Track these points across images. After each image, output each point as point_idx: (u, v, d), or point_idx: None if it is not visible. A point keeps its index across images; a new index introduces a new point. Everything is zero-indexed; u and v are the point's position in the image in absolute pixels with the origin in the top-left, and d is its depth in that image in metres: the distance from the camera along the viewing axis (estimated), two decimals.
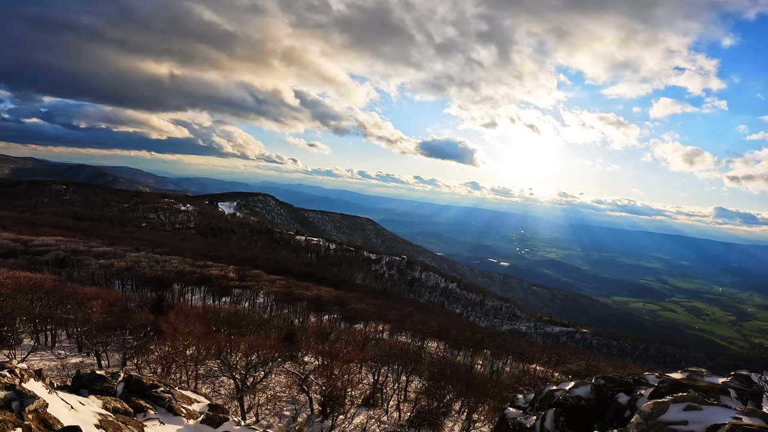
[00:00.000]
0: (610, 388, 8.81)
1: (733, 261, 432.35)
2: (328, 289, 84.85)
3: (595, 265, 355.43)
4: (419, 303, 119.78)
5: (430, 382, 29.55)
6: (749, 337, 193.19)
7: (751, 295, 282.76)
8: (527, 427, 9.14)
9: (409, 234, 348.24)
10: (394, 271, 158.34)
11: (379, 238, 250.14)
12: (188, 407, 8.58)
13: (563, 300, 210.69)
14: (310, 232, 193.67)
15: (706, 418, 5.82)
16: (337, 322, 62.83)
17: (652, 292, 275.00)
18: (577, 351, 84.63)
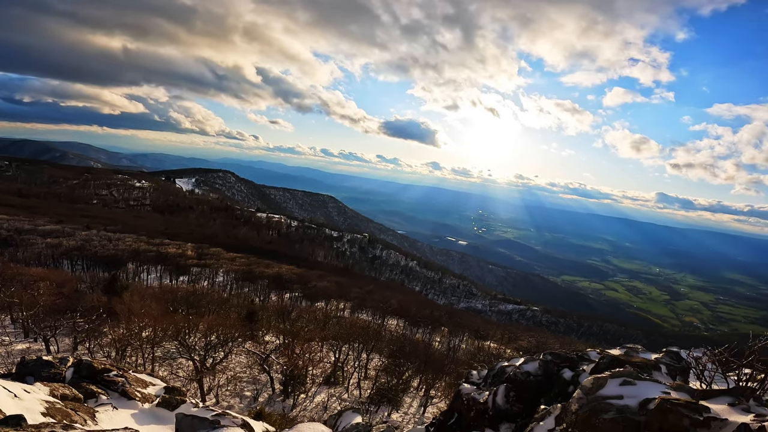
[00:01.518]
0: (556, 364, 9.29)
1: (671, 243, 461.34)
2: (290, 267, 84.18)
3: (548, 245, 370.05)
4: (380, 281, 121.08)
5: (390, 360, 30.24)
6: (681, 316, 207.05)
7: (685, 276, 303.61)
8: (480, 402, 9.38)
9: (371, 212, 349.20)
10: (356, 249, 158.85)
11: (341, 216, 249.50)
12: (143, 391, 8.37)
13: (517, 279, 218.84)
14: (272, 210, 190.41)
15: (639, 392, 6.15)
16: (299, 300, 62.69)
17: (598, 271, 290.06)
18: (528, 328, 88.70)
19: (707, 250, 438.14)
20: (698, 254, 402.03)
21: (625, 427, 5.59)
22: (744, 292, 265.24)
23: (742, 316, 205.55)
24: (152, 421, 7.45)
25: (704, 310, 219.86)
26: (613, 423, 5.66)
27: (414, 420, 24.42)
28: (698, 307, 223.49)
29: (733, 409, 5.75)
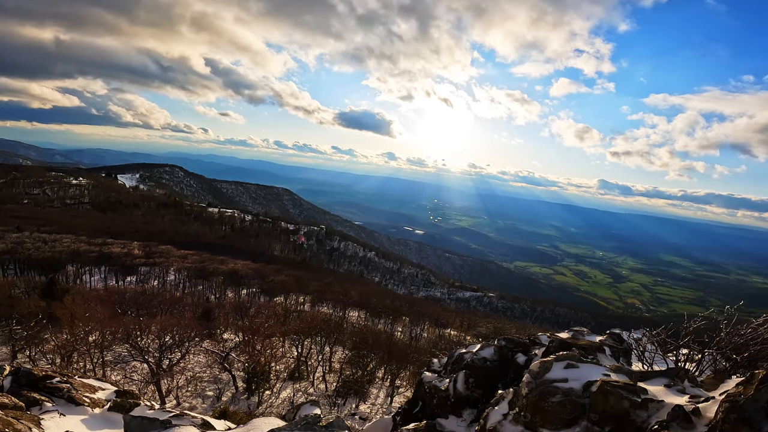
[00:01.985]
0: (510, 349, 9.50)
1: (612, 228, 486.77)
2: (246, 263, 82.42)
3: (500, 232, 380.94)
4: (339, 273, 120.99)
5: (353, 352, 30.56)
6: (623, 298, 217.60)
7: (625, 259, 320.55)
8: (442, 390, 9.49)
9: (327, 204, 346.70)
10: (313, 242, 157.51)
11: (297, 209, 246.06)
12: (92, 396, 8.11)
13: (473, 266, 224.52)
14: (224, 204, 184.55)
15: (582, 375, 6.28)
16: (257, 296, 61.69)
17: (547, 257, 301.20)
18: (486, 315, 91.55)
19: (645, 233, 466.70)
20: (637, 238, 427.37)
21: (572, 409, 5.72)
22: (680, 273, 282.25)
23: (679, 297, 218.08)
24: (104, 425, 7.25)
25: (644, 291, 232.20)
26: (561, 406, 5.78)
27: (382, 410, 24.88)
28: (639, 289, 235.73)
29: (669, 390, 6.03)
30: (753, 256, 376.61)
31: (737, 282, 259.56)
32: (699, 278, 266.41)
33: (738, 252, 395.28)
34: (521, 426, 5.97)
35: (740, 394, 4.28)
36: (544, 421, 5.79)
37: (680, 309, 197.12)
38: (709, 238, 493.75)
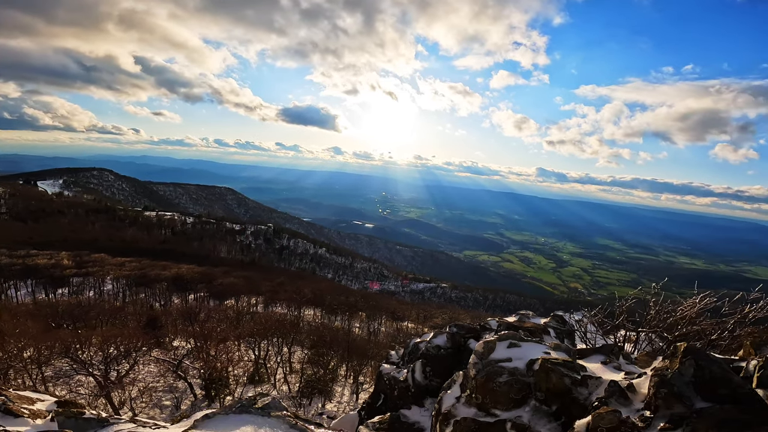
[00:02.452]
0: (462, 336, 9.53)
1: (551, 214, 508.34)
2: (190, 267, 79.06)
3: (448, 223, 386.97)
4: (291, 271, 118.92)
5: (313, 351, 30.26)
6: (567, 282, 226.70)
7: (565, 244, 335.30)
8: (401, 381, 9.49)
9: (274, 201, 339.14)
10: (261, 241, 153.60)
11: (242, 208, 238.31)
12: (31, 407, 7.82)
13: (424, 257, 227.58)
14: (162, 207, 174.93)
15: (525, 354, 6.41)
16: (205, 300, 59.60)
17: (494, 245, 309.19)
18: (441, 305, 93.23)
19: (581, 219, 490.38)
20: (574, 223, 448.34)
21: (519, 389, 5.79)
22: (615, 256, 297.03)
23: (616, 279, 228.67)
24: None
25: (585, 275, 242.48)
26: (508, 386, 5.84)
27: (349, 407, 24.88)
28: (579, 273, 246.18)
29: (606, 367, 6.18)
30: (678, 238, 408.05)
31: (666, 263, 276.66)
32: (632, 261, 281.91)
33: (664, 234, 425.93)
34: (474, 408, 6.02)
35: (667, 368, 4.40)
36: (495, 401, 5.85)
37: (618, 291, 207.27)
38: (638, 221, 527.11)
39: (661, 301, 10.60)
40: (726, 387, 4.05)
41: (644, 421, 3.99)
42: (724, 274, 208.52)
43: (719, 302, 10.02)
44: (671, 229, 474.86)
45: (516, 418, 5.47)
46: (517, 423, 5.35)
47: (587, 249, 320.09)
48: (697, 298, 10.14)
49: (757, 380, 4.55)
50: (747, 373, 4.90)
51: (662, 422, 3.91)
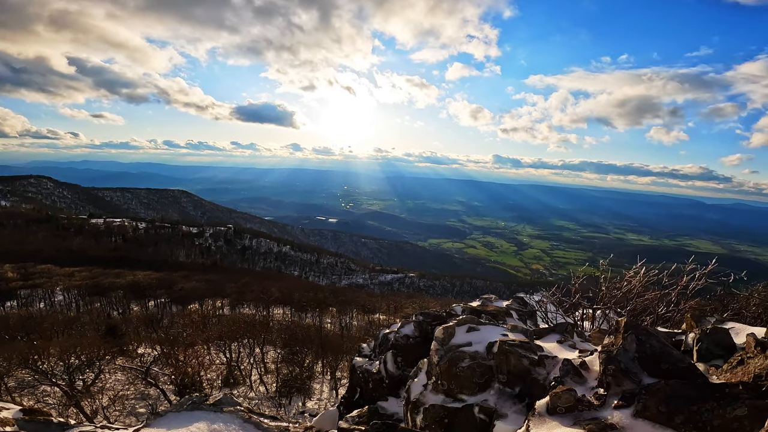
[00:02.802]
0: (428, 323, 9.45)
1: (509, 199, 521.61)
2: (147, 273, 76.25)
3: (411, 213, 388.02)
4: (255, 271, 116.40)
5: (286, 350, 30.00)
6: (528, 264, 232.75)
7: (524, 227, 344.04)
8: (374, 373, 9.42)
9: (232, 202, 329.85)
10: (222, 243, 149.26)
11: (198, 210, 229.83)
12: None
13: (389, 248, 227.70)
14: (110, 214, 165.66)
15: (484, 337, 6.42)
16: (167, 305, 57.88)
17: (457, 231, 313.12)
18: (410, 295, 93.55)
19: (536, 202, 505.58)
20: (530, 206, 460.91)
21: (482, 372, 5.82)
22: (570, 236, 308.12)
23: (573, 259, 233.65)
24: None
25: (545, 256, 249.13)
26: (471, 370, 5.86)
27: (329, 404, 24.82)
28: (540, 255, 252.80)
29: (561, 346, 6.29)
30: (624, 215, 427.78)
31: (617, 240, 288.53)
32: (586, 240, 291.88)
33: (612, 213, 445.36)
34: (442, 395, 6.01)
35: (612, 344, 4.46)
36: (460, 387, 5.85)
37: (575, 270, 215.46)
38: (588, 201, 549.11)
39: (609, 278, 11.23)
40: (667, 362, 4.15)
41: (599, 399, 4.09)
42: (669, 248, 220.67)
43: (661, 275, 10.77)
44: (618, 207, 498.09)
45: (482, 402, 5.50)
46: (484, 407, 5.39)
47: (545, 231, 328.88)
48: (640, 270, 10.84)
49: (696, 354, 4.74)
50: (687, 347, 5.09)
51: (615, 400, 3.99)
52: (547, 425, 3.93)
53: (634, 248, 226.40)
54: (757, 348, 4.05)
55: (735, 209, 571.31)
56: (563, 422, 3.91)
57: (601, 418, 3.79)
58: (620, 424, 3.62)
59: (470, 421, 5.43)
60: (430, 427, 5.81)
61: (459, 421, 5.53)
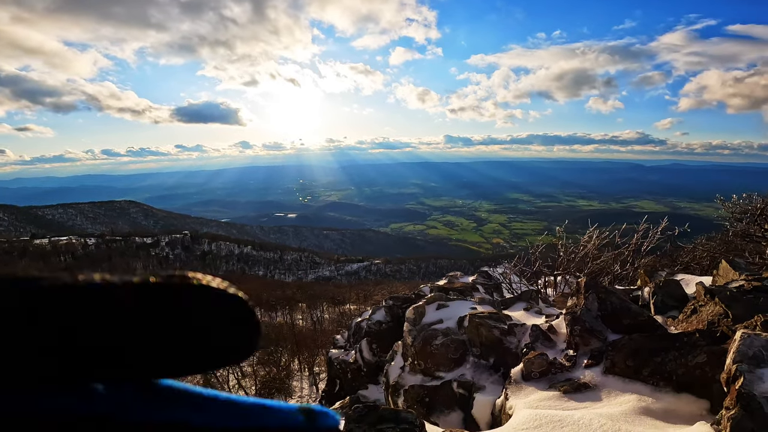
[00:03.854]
0: (398, 307, 9.46)
1: (463, 177, 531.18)
2: None
3: (370, 200, 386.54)
4: (218, 276, 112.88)
5: (260, 351, 29.68)
6: (489, 239, 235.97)
7: (481, 203, 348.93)
8: (351, 362, 9.41)
9: (185, 207, 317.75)
10: (180, 250, 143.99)
11: (150, 219, 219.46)
12: None
13: (352, 237, 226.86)
14: (54, 232, 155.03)
15: (454, 313, 6.52)
16: None
17: (417, 214, 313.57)
18: (378, 282, 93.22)
19: (489, 177, 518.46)
20: (484, 182, 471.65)
21: (456, 348, 5.89)
22: (525, 208, 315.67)
23: (531, 229, 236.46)
24: None
25: (503, 230, 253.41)
26: (445, 346, 5.94)
27: (311, 400, 24.82)
28: (499, 229, 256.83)
29: (528, 313, 6.51)
30: (573, 183, 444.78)
31: (568, 208, 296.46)
32: (540, 210, 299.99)
33: (562, 181, 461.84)
34: (420, 374, 6.07)
35: (576, 305, 4.66)
36: (436, 365, 5.92)
37: (534, 240, 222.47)
38: (538, 173, 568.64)
39: (566, 244, 11.72)
40: (628, 317, 4.37)
41: (569, 360, 4.27)
42: (617, 210, 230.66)
43: (612, 235, 11.36)
44: (566, 176, 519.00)
45: (460, 377, 5.60)
46: (462, 381, 5.49)
47: (501, 205, 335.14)
48: (594, 234, 11.41)
49: (653, 307, 5.01)
50: (643, 301, 5.40)
51: (585, 359, 4.17)
52: (524, 391, 4.07)
53: (585, 213, 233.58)
54: (706, 296, 4.35)
55: (672, 169, 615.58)
56: (539, 386, 4.05)
57: (574, 379, 3.96)
58: (592, 382, 3.80)
59: (450, 397, 5.52)
60: (412, 407, 5.83)
61: (439, 398, 5.61)
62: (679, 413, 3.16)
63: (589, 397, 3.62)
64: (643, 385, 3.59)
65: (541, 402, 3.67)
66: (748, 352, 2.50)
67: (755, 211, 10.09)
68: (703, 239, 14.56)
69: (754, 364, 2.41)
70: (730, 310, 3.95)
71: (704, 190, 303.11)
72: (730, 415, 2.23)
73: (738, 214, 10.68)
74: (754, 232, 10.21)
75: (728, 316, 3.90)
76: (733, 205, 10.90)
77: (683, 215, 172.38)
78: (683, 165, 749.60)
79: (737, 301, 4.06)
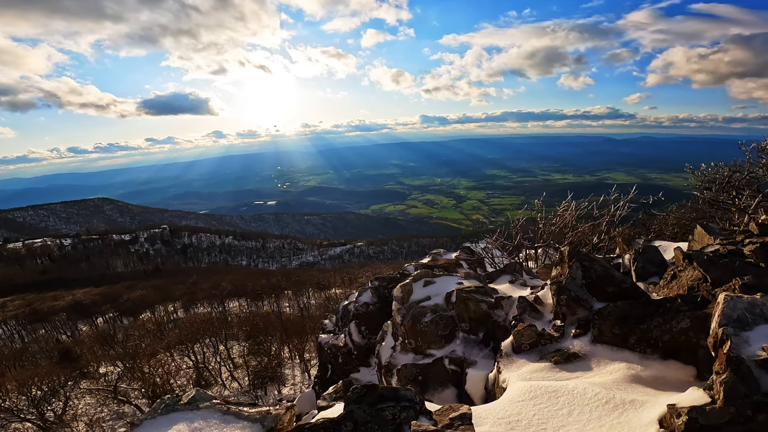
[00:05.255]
0: (384, 287, 9.47)
1: (441, 155, 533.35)
2: (86, 290, 71.31)
3: (349, 183, 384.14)
4: (201, 269, 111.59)
5: (250, 341, 29.54)
6: (469, 215, 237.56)
7: (459, 180, 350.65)
8: (341, 346, 9.41)
9: (162, 201, 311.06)
10: (160, 245, 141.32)
11: (126, 216, 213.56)
12: None
13: (334, 221, 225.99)
14: (27, 235, 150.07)
15: (441, 289, 6.56)
16: (117, 319, 54.81)
17: (397, 194, 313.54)
18: (362, 264, 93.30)
19: (467, 155, 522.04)
20: (462, 160, 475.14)
21: (445, 324, 5.92)
22: (503, 183, 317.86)
23: (509, 204, 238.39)
24: None
25: (482, 206, 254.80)
26: (434, 323, 5.96)
27: (304, 387, 24.96)
28: (478, 205, 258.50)
29: (513, 285, 6.63)
30: (548, 157, 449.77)
31: (544, 182, 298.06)
32: (517, 185, 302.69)
33: (537, 156, 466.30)
34: (411, 353, 6.09)
35: (560, 274, 4.80)
36: (427, 342, 5.94)
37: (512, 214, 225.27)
38: (514, 149, 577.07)
39: (545, 216, 11.99)
40: (611, 284, 4.47)
41: (558, 330, 4.35)
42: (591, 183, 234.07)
43: (590, 206, 11.69)
44: (541, 150, 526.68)
45: (451, 353, 5.69)
46: (453, 357, 5.59)
47: (479, 181, 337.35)
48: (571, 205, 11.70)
49: (635, 274, 5.14)
50: (624, 268, 5.53)
51: (573, 329, 4.26)
52: (516, 364, 4.15)
53: (561, 186, 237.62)
54: (685, 261, 4.49)
55: (642, 142, 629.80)
56: (530, 358, 4.14)
57: (563, 349, 4.06)
58: (582, 352, 3.91)
59: (443, 374, 5.60)
60: (406, 387, 5.94)
61: (432, 376, 5.68)
62: (668, 380, 3.28)
63: (580, 366, 3.72)
64: (631, 353, 3.70)
65: (533, 374, 3.76)
66: (732, 314, 2.59)
67: (723, 179, 10.46)
68: (675, 207, 15.08)
69: (739, 327, 2.50)
70: (708, 274, 4.09)
71: (673, 160, 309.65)
72: (721, 379, 2.29)
73: (707, 183, 11.07)
74: (723, 200, 10.59)
75: (707, 280, 4.05)
76: (702, 174, 11.28)
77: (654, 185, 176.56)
78: (652, 137, 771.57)
79: (714, 265, 4.19)
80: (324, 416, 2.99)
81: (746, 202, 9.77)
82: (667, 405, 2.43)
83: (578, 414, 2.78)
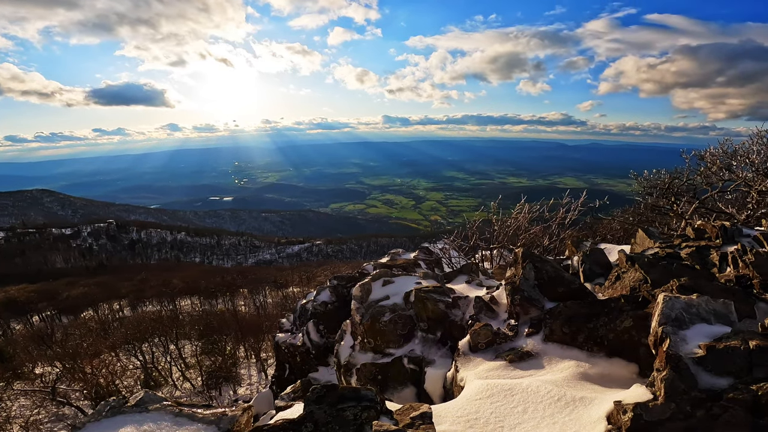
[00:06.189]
0: (343, 286, 9.53)
1: (402, 156, 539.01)
2: (21, 287, 66.18)
3: (309, 180, 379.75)
4: (151, 265, 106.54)
5: (203, 340, 28.63)
6: (427, 216, 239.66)
7: (419, 181, 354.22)
8: (299, 346, 9.36)
9: (109, 194, 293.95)
10: (105, 240, 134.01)
11: (68, 209, 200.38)
12: None
13: (292, 219, 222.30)
14: None
15: (400, 288, 6.63)
16: (55, 317, 51.49)
17: (357, 193, 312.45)
18: (320, 263, 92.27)
19: (427, 156, 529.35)
20: (422, 161, 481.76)
21: (404, 323, 5.99)
22: (461, 185, 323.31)
23: (467, 206, 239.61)
24: None
25: (441, 207, 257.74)
26: (393, 323, 6.02)
27: (261, 387, 24.43)
28: (436, 206, 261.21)
29: (470, 285, 6.76)
30: (504, 161, 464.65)
31: (500, 185, 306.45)
32: (475, 187, 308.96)
33: (494, 159, 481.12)
34: (370, 352, 6.13)
35: (514, 275, 4.86)
36: (386, 341, 5.99)
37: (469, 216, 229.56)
38: (472, 151, 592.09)
39: (500, 218, 12.43)
40: (561, 284, 4.67)
41: (512, 329, 4.50)
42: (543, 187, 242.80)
43: (542, 209, 12.24)
44: (498, 154, 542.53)
45: (410, 352, 5.75)
46: (412, 357, 5.65)
47: (438, 182, 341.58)
48: (524, 207, 12.21)
49: (582, 275, 5.36)
50: (573, 269, 5.81)
51: (526, 328, 4.42)
52: (473, 362, 4.28)
53: (516, 190, 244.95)
54: (628, 263, 4.78)
55: (591, 148, 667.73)
56: (486, 357, 4.27)
57: (517, 347, 4.22)
58: (534, 350, 4.08)
59: (402, 373, 5.66)
60: (365, 386, 5.95)
61: (392, 375, 5.73)
62: (614, 377, 3.49)
63: (533, 365, 3.88)
64: (580, 351, 3.89)
65: (489, 372, 3.89)
66: (671, 314, 2.80)
67: (663, 186, 11.25)
68: (619, 212, 16.08)
69: (677, 325, 2.71)
70: (648, 275, 4.38)
71: (619, 167, 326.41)
72: (662, 376, 2.44)
73: (649, 189, 11.88)
74: (663, 205, 11.37)
75: (647, 281, 4.33)
76: (644, 180, 12.07)
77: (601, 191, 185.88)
78: (601, 144, 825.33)
79: (654, 267, 4.49)
80: (283, 417, 2.95)
81: (684, 208, 10.53)
82: (614, 402, 2.56)
83: (533, 411, 2.91)
